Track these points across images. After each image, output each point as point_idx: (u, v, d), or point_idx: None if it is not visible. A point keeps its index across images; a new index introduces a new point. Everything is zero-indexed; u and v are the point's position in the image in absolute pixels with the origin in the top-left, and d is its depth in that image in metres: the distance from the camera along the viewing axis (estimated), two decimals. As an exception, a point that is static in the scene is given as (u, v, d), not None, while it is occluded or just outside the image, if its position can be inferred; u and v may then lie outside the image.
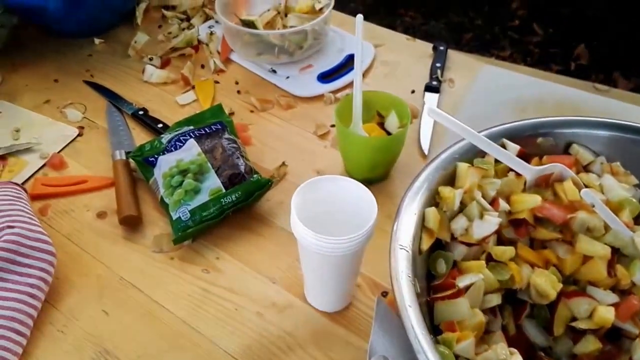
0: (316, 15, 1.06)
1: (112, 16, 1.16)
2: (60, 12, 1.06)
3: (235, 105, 1.01)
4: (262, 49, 1.05)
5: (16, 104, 1.01)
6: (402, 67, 1.08)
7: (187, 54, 1.11)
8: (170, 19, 1.20)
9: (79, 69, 1.09)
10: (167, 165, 0.82)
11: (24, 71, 1.09)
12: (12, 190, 0.80)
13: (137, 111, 0.99)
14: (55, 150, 0.93)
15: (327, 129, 0.96)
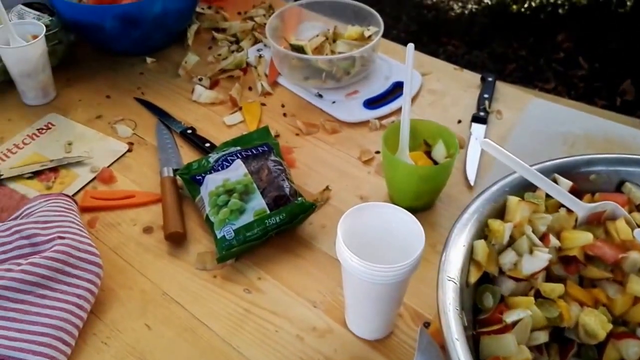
0: (365, 42, 1.07)
1: (165, 37, 1.19)
2: (116, 32, 1.09)
3: (281, 127, 1.02)
4: (309, 73, 1.06)
5: (69, 118, 1.04)
6: (449, 97, 1.08)
7: (235, 76, 1.13)
8: (220, 41, 1.22)
9: (130, 87, 1.12)
10: (214, 184, 0.84)
11: (78, 86, 1.12)
12: (64, 202, 0.82)
13: (186, 130, 1.01)
14: (105, 164, 0.95)
15: (372, 155, 0.96)
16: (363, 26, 1.11)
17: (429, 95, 1.08)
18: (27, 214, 0.80)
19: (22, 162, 0.95)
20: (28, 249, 0.75)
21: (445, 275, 0.57)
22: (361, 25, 1.11)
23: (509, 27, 3.03)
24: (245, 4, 1.34)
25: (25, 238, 0.75)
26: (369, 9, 1.11)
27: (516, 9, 3.16)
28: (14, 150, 0.98)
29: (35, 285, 0.70)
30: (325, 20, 1.17)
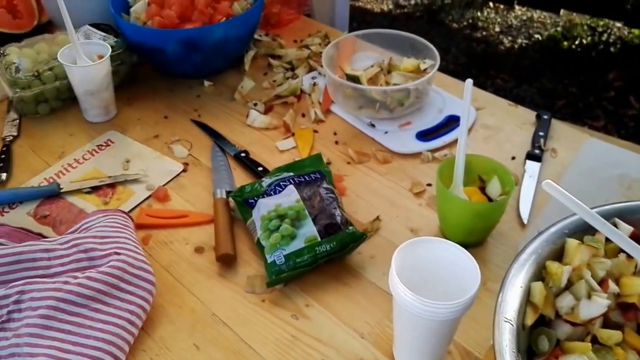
0: (420, 75, 1.07)
1: (223, 62, 1.21)
2: (177, 55, 1.12)
3: (332, 155, 1.02)
4: (363, 103, 1.07)
5: (128, 136, 1.07)
6: (503, 132, 1.07)
7: (289, 102, 1.15)
8: (276, 68, 1.24)
9: (187, 108, 1.14)
10: (266, 209, 0.84)
11: (137, 105, 1.15)
12: (121, 219, 0.83)
13: (240, 153, 1.02)
14: (161, 183, 0.97)
15: (423, 187, 0.95)
16: (419, 59, 1.11)
17: (483, 130, 1.07)
18: (86, 228, 0.82)
19: (82, 177, 0.98)
20: (85, 263, 0.76)
21: (502, 316, 0.55)
22: (417, 57, 1.11)
23: (560, 63, 3.00)
24: (301, 32, 1.36)
25: (83, 252, 0.77)
26: (425, 42, 1.11)
27: (567, 46, 3.12)
28: (74, 164, 1.01)
29: (90, 299, 0.72)
30: (380, 51, 1.18)
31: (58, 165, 1.00)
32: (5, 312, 0.72)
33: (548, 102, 2.77)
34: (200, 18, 1.12)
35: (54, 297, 0.70)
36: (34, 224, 0.89)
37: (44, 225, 0.89)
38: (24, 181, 0.97)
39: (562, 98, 2.77)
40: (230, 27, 1.12)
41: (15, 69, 1.06)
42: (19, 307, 0.72)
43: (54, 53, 1.10)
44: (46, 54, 1.11)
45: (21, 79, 1.05)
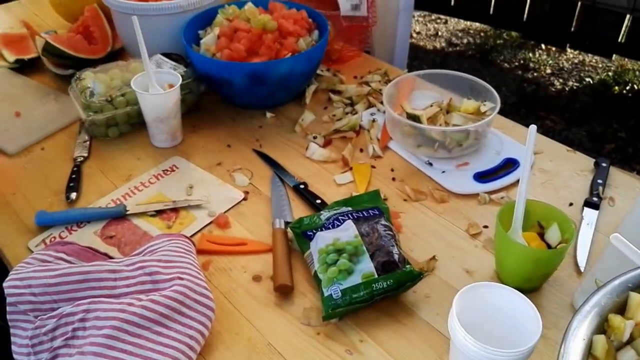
0: (480, 117, 1.06)
1: (286, 95, 1.23)
2: (243, 87, 1.14)
3: (389, 191, 1.02)
4: (421, 141, 1.06)
5: (192, 162, 1.09)
6: (561, 178, 1.04)
7: (348, 137, 1.15)
8: (336, 103, 1.25)
9: (249, 138, 1.16)
10: (324, 242, 0.84)
11: (202, 133, 1.17)
12: (184, 244, 0.84)
13: (299, 184, 1.03)
14: (222, 210, 0.98)
15: (480, 229, 0.94)
16: (478, 100, 1.10)
17: (540, 174, 1.05)
18: (151, 251, 0.83)
19: (147, 200, 1.00)
20: (149, 286, 0.77)
21: (567, 370, 0.54)
22: (476, 99, 1.11)
23: (610, 108, 2.93)
24: (361, 68, 1.37)
25: (148, 275, 0.78)
26: (485, 85, 1.11)
27: (618, 90, 3.05)
28: (140, 187, 1.03)
29: (153, 322, 0.72)
30: (439, 90, 1.17)
31: (125, 187, 1.03)
32: (70, 329, 0.73)
33: (597, 146, 2.71)
34: (267, 53, 1.14)
35: (118, 318, 0.72)
36: (101, 244, 0.91)
37: (110, 246, 0.91)
38: (92, 201, 1.00)
39: (611, 142, 2.70)
40: (295, 62, 1.13)
41: (90, 94, 1.10)
42: (84, 325, 0.73)
43: (126, 79, 1.13)
44: (119, 80, 1.14)
45: (94, 103, 1.09)
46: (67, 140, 1.14)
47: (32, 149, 1.12)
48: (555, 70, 3.30)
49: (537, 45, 3.52)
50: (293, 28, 1.18)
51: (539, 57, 3.41)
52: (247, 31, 1.15)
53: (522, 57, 3.43)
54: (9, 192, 1.01)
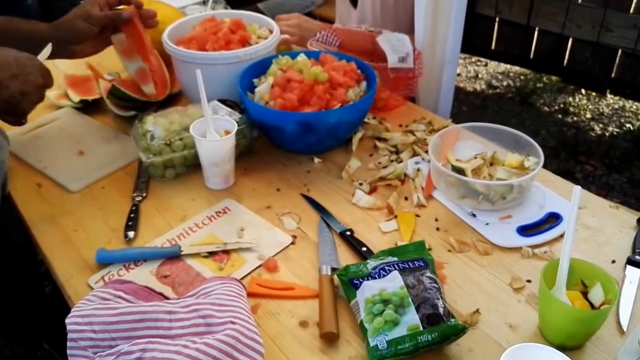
0: (523, 171, 1.07)
1: (334, 142, 1.25)
2: (293, 134, 1.18)
3: (433, 241, 1.03)
4: (465, 192, 1.07)
5: (243, 205, 1.12)
6: (603, 234, 1.03)
7: (393, 185, 1.17)
8: (382, 150, 1.27)
9: (297, 182, 1.19)
10: (370, 292, 0.85)
11: (253, 176, 1.21)
12: (236, 287, 0.87)
13: (345, 231, 1.04)
14: (271, 253, 1.00)
15: (523, 283, 0.93)
16: (522, 154, 1.10)
17: (582, 230, 1.05)
18: (205, 294, 0.85)
19: (200, 241, 1.03)
20: (202, 328, 0.79)
21: None
22: (520, 153, 1.11)
23: (652, 154, 2.88)
24: (406, 117, 1.39)
25: (202, 317, 0.80)
26: (529, 139, 1.11)
27: (661, 136, 3.00)
28: (194, 228, 1.06)
29: (206, 364, 0.74)
30: (483, 141, 1.18)
31: (180, 227, 1.06)
32: (127, 367, 0.75)
33: (638, 192, 2.66)
34: (317, 103, 1.17)
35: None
36: (156, 283, 0.94)
37: (165, 285, 0.94)
38: (148, 240, 1.04)
39: (653, 190, 2.65)
40: (344, 112, 1.16)
41: (150, 137, 1.14)
42: (141, 364, 0.75)
43: (184, 124, 1.18)
44: (177, 125, 1.19)
45: (154, 146, 1.14)
46: (126, 179, 1.19)
47: (93, 187, 1.17)
48: (595, 115, 3.26)
49: (577, 90, 3.49)
50: (343, 79, 1.21)
51: (579, 102, 3.39)
52: (299, 82, 1.19)
53: (562, 101, 3.40)
54: (71, 229, 1.06)
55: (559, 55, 3.38)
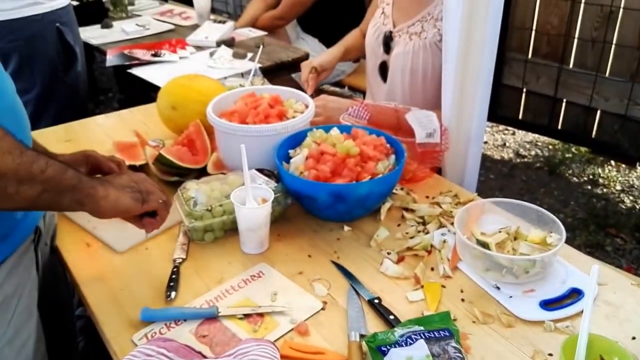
0: (546, 247, 1.13)
1: (363, 211, 1.34)
2: (325, 204, 1.27)
3: (458, 312, 1.09)
4: (490, 265, 1.14)
5: (276, 269, 1.20)
6: (624, 311, 1.08)
7: (420, 255, 1.24)
8: (409, 221, 1.35)
9: (328, 249, 1.27)
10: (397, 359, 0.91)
11: (285, 242, 1.29)
12: (270, 350, 0.94)
13: (373, 299, 1.11)
14: (302, 318, 1.07)
15: (545, 357, 0.98)
16: (545, 230, 1.17)
17: (604, 306, 1.10)
18: (242, 354, 0.92)
19: (236, 303, 1.11)
20: (240, 386, 0.86)
21: None
22: (543, 229, 1.18)
23: (683, 228, 2.89)
24: (433, 189, 1.47)
25: (239, 376, 0.87)
26: (552, 216, 1.18)
27: (692, 211, 3.02)
28: (230, 291, 1.14)
29: (242, 421, 0.81)
30: (508, 216, 1.25)
31: (217, 290, 1.14)
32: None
33: (669, 269, 2.67)
34: (349, 175, 1.26)
35: (213, 415, 0.81)
36: (195, 342, 1.02)
37: (203, 344, 1.01)
38: (188, 300, 1.12)
39: (685, 265, 2.65)
40: (373, 184, 1.25)
41: (193, 203, 1.25)
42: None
43: (224, 191, 1.28)
44: (218, 192, 1.29)
45: (196, 212, 1.24)
46: (167, 242, 1.29)
47: (138, 248, 1.27)
48: (625, 187, 3.30)
49: (607, 161, 3.55)
50: (373, 153, 1.31)
51: (608, 173, 3.44)
52: (332, 154, 1.29)
53: (591, 172, 3.46)
54: (117, 288, 1.15)
55: (587, 127, 3.46)
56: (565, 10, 3.32)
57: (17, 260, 1.10)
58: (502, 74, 3.65)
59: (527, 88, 3.63)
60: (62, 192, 0.96)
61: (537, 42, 3.51)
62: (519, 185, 3.31)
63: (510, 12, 3.46)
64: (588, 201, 3.17)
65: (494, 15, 1.39)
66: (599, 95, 3.31)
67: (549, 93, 3.52)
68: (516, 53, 3.58)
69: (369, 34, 1.91)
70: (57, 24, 2.23)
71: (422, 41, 1.70)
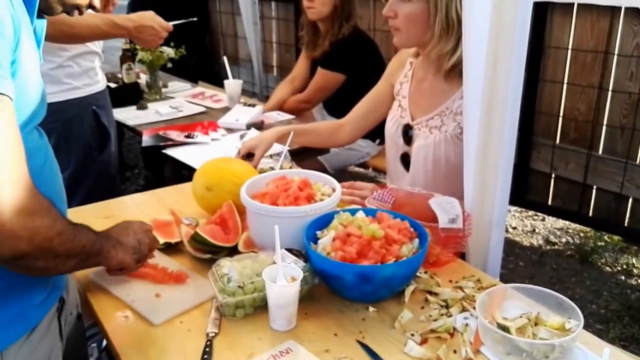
0: (565, 332, 1.23)
1: (388, 293, 1.46)
2: (351, 284, 1.39)
3: (479, 393, 1.18)
4: (511, 349, 1.23)
5: (304, 347, 1.31)
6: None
7: (442, 337, 1.34)
8: (432, 303, 1.46)
9: (353, 329, 1.38)
10: None
11: (312, 320, 1.40)
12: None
13: (396, 378, 1.21)
14: (328, 394, 1.17)
15: None
16: (564, 317, 1.28)
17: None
18: None
19: (265, 378, 1.22)
20: None
21: None
22: (562, 315, 1.28)
23: None
24: (456, 273, 1.59)
25: None
26: (571, 303, 1.28)
27: None
28: (260, 366, 1.25)
29: None
30: (528, 302, 1.36)
31: (247, 364, 1.26)
32: None
33: None
34: (374, 257, 1.39)
35: None
36: (226, 413, 1.12)
37: (233, 415, 1.12)
38: (219, 373, 1.23)
39: None
40: (398, 267, 1.38)
41: (227, 280, 1.38)
42: None
43: (255, 269, 1.41)
44: (250, 270, 1.42)
45: (229, 288, 1.37)
46: (200, 316, 1.41)
47: (173, 321, 1.39)
48: (660, 278, 3.34)
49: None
50: (397, 237, 1.44)
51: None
52: (358, 237, 1.43)
53: (624, 262, 3.51)
54: (154, 358, 1.27)
55: (619, 214, 3.54)
56: (593, 97, 3.49)
57: (47, 326, 1.24)
58: (529, 158, 3.79)
59: (556, 173, 3.75)
60: (89, 259, 1.21)
61: (565, 127, 3.67)
62: (549, 273, 3.37)
63: (536, 97, 3.64)
64: (622, 292, 3.21)
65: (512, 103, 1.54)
66: (630, 182, 3.42)
67: (578, 179, 3.64)
68: (543, 138, 3.73)
69: (388, 126, 2.08)
70: (93, 106, 2.46)
71: (443, 134, 1.86)
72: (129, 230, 1.38)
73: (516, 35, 1.47)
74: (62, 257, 1.11)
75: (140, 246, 1.36)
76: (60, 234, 1.08)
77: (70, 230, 1.12)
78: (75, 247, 1.13)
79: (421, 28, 1.83)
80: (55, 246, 1.07)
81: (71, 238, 1.11)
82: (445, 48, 1.82)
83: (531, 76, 3.52)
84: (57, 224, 1.08)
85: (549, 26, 3.56)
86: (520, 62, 1.52)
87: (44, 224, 1.04)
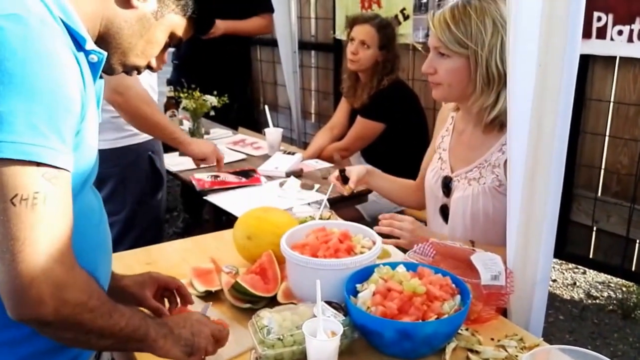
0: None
1: (428, 350, 1.43)
2: (391, 340, 1.37)
3: None
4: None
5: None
6: None
7: (484, 398, 1.31)
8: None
9: (393, 386, 1.36)
10: None
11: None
12: None
13: None
14: None
15: None
16: (611, 381, 1.23)
17: None
18: None
19: None
20: None
21: None
22: (609, 380, 1.24)
23: None
24: (498, 331, 1.55)
25: None
26: None
27: None
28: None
29: None
30: None
31: (285, 419, 1.24)
32: None
33: None
34: (415, 313, 1.38)
35: None
36: None
37: None
38: None
39: None
40: (439, 324, 1.36)
41: (267, 331, 1.38)
42: None
43: (295, 321, 1.41)
44: (289, 322, 1.42)
45: (269, 340, 1.36)
46: (239, 368, 1.41)
47: (214, 372, 1.39)
48: None
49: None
50: (439, 293, 1.42)
51: (689, 322, 3.35)
52: (399, 292, 1.41)
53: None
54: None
55: (663, 269, 3.45)
56: (635, 150, 3.43)
57: None
58: (570, 211, 3.73)
59: (598, 226, 3.67)
60: (129, 342, 1.16)
61: (607, 180, 3.60)
62: (591, 328, 3.26)
63: (577, 149, 3.59)
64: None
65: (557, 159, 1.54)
66: (674, 237, 3.33)
67: (621, 233, 3.55)
68: (585, 190, 3.67)
69: (428, 177, 2.08)
70: (149, 152, 2.54)
71: (481, 186, 1.85)
72: (187, 321, 1.30)
73: (561, 94, 1.47)
74: (94, 334, 1.08)
75: (194, 338, 1.26)
76: (92, 310, 1.05)
77: (106, 309, 1.09)
78: (110, 327, 1.09)
79: (461, 83, 1.84)
80: (85, 322, 1.05)
81: (106, 317, 1.08)
82: (486, 102, 1.82)
83: (572, 128, 3.47)
84: (92, 300, 1.06)
85: (590, 78, 3.53)
86: (565, 120, 1.52)
87: (75, 298, 1.02)
